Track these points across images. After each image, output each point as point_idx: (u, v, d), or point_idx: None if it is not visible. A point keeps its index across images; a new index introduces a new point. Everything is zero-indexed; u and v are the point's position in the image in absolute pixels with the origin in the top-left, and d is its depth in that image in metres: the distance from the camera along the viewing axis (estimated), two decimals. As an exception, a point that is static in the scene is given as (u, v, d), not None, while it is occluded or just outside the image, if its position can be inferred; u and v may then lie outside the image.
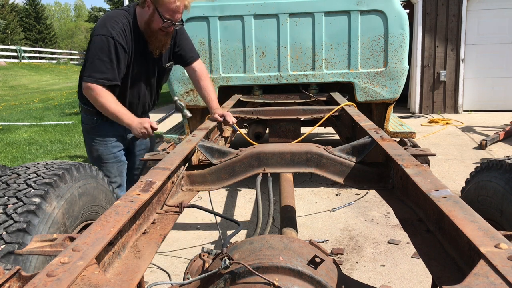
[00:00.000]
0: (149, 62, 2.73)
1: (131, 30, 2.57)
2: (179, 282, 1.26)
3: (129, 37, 2.56)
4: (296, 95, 4.46)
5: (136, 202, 1.31)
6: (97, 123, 2.78)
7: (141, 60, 2.67)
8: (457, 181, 4.67)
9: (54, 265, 0.93)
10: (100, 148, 2.82)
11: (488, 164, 1.85)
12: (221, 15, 4.34)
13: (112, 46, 2.47)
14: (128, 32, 2.55)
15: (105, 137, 2.81)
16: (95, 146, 2.81)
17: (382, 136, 2.06)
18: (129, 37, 2.56)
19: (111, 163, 2.86)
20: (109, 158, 2.85)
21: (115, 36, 2.47)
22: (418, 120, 8.74)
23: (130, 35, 2.57)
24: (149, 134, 2.59)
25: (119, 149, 2.89)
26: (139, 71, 2.69)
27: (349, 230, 3.58)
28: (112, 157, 2.86)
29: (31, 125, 9.58)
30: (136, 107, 2.85)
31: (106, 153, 2.84)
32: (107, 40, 2.46)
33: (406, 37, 4.28)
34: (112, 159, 2.86)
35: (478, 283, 0.85)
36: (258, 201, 1.80)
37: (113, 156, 2.87)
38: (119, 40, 2.48)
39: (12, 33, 38.88)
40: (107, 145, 2.83)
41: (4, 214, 1.44)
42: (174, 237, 3.55)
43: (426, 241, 1.26)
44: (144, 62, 2.70)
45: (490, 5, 9.08)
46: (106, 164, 2.86)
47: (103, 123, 2.77)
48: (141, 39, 2.62)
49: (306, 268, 1.12)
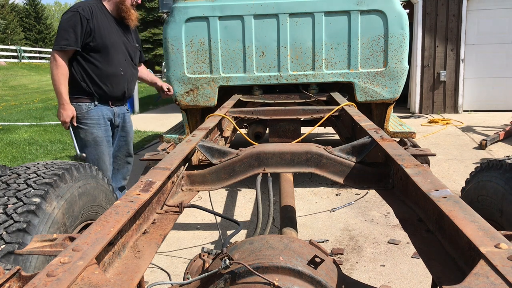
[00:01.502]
0: (121, 37, 3.23)
1: (99, 9, 3.10)
2: (179, 282, 1.26)
3: (96, 13, 3.05)
4: (296, 95, 4.46)
5: (136, 202, 1.31)
6: (90, 107, 3.14)
7: (113, 34, 3.14)
8: (457, 181, 4.68)
9: (54, 265, 0.93)
10: (94, 131, 3.15)
11: (488, 164, 1.85)
12: (221, 15, 4.34)
13: (77, 18, 2.97)
14: (95, 10, 3.06)
15: (98, 120, 3.17)
16: (89, 129, 3.14)
17: (382, 136, 2.06)
18: (97, 13, 3.06)
19: (103, 145, 3.20)
20: (103, 141, 3.19)
21: (80, 11, 2.98)
22: (418, 120, 8.74)
23: (97, 12, 3.07)
24: (65, 126, 3.06)
25: (109, 133, 3.27)
26: (114, 44, 3.14)
27: (349, 230, 3.58)
28: (105, 140, 3.21)
29: (31, 125, 9.58)
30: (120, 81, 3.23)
31: (100, 135, 3.17)
32: (73, 14, 2.99)
33: (406, 37, 4.28)
34: (105, 142, 3.21)
35: (478, 283, 0.85)
36: (258, 201, 1.79)
37: (106, 140, 3.22)
38: (84, 13, 2.98)
39: (12, 33, 38.88)
40: (100, 128, 3.18)
41: (4, 214, 1.44)
42: (174, 237, 3.55)
43: (426, 241, 1.26)
44: (117, 36, 3.18)
45: (490, 5, 9.08)
46: (100, 146, 3.18)
47: (94, 108, 3.16)
48: (109, 17, 3.16)
49: (306, 268, 1.12)
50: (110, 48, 3.13)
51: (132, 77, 3.40)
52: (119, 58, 3.21)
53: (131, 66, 3.36)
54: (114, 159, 3.45)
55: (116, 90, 3.23)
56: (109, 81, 3.16)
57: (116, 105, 3.31)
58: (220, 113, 3.11)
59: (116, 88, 3.22)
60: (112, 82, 3.18)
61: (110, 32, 3.14)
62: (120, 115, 3.36)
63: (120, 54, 3.22)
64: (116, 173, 3.50)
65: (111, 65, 3.15)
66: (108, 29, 3.13)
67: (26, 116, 10.95)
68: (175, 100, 4.58)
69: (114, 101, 3.28)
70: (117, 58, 3.19)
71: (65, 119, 3.06)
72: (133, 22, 3.26)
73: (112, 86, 3.19)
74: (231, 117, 3.31)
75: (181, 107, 4.61)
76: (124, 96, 3.35)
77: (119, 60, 3.21)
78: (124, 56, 3.27)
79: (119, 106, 3.35)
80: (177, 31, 4.37)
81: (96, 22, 3.05)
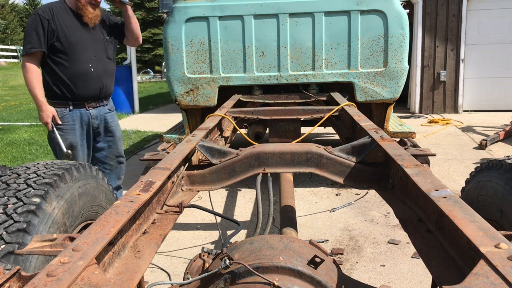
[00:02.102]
0: (88, 33, 3.21)
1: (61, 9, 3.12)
2: (179, 282, 1.26)
3: (58, 14, 3.08)
4: (296, 95, 4.46)
5: (136, 202, 1.31)
6: (65, 113, 3.17)
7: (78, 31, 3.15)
8: (457, 181, 4.68)
9: (54, 265, 0.93)
10: (69, 137, 3.18)
11: (488, 164, 1.85)
12: (221, 15, 4.34)
13: (37, 20, 3.00)
14: (56, 10, 3.08)
15: (73, 126, 3.19)
16: (64, 135, 3.17)
17: (382, 136, 2.06)
18: (58, 13, 3.08)
19: (78, 151, 3.22)
20: (77, 146, 3.22)
21: (40, 13, 3.02)
22: (418, 120, 8.74)
23: (59, 13, 3.09)
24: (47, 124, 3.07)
25: (84, 137, 3.28)
26: (80, 41, 3.14)
27: (349, 230, 3.58)
28: (79, 145, 3.23)
29: (31, 125, 9.58)
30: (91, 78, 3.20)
31: (75, 141, 3.20)
32: (33, 17, 3.04)
33: (406, 37, 4.28)
34: (79, 147, 3.23)
35: (478, 283, 0.85)
36: (258, 201, 1.79)
37: (80, 144, 3.24)
38: (44, 15, 3.01)
39: (12, 33, 38.88)
40: (75, 133, 3.21)
41: (4, 214, 1.44)
42: (174, 237, 3.55)
43: (426, 241, 1.26)
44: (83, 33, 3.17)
45: (490, 5, 9.08)
46: (74, 152, 3.21)
47: (69, 113, 3.18)
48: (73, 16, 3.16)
49: (306, 268, 1.12)
50: (76, 45, 3.12)
51: (106, 72, 3.34)
52: (87, 54, 3.18)
53: (103, 62, 3.31)
54: (105, 160, 3.46)
55: (89, 89, 3.20)
56: (79, 80, 3.14)
57: (93, 107, 3.28)
58: (220, 113, 3.11)
59: (88, 87, 3.19)
60: (83, 80, 3.16)
61: (75, 30, 3.13)
62: (99, 117, 3.32)
63: (88, 51, 3.19)
64: (110, 174, 3.51)
65: (79, 63, 3.14)
66: (72, 27, 3.12)
67: (26, 116, 10.95)
68: (175, 100, 4.58)
69: (90, 101, 3.25)
70: (85, 55, 3.17)
71: (46, 120, 3.08)
72: (90, 20, 3.19)
73: (83, 85, 3.16)
74: (231, 117, 3.31)
75: (181, 107, 4.61)
76: (101, 95, 3.31)
77: (87, 57, 3.18)
78: (93, 52, 3.23)
79: (97, 107, 3.31)
80: (177, 31, 4.37)
81: (58, 22, 3.06)
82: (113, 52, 3.48)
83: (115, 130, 3.47)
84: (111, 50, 3.44)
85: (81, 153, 3.25)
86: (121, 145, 3.56)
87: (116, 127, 3.49)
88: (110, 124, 3.42)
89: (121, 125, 9.87)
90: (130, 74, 10.85)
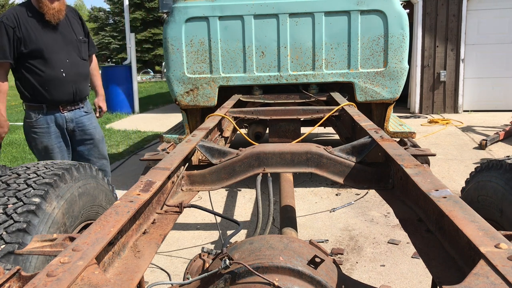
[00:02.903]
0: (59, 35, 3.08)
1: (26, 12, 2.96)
2: (179, 282, 1.26)
3: (24, 19, 2.93)
4: (296, 95, 4.46)
5: (136, 202, 1.31)
6: (39, 116, 3.11)
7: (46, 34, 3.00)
8: (457, 181, 4.67)
9: (54, 265, 0.93)
10: (44, 140, 3.13)
11: (488, 164, 1.85)
12: (221, 15, 4.34)
13: (2, 28, 2.86)
14: (22, 15, 2.93)
15: (47, 129, 3.13)
16: (39, 138, 3.13)
17: (382, 136, 2.06)
18: (24, 18, 2.93)
19: (55, 153, 3.17)
20: (54, 149, 3.16)
21: (4, 21, 2.88)
22: (418, 120, 8.74)
23: (25, 17, 2.94)
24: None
25: (60, 139, 3.21)
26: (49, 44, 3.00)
27: (349, 230, 3.58)
28: (56, 147, 3.18)
29: (31, 125, 9.56)
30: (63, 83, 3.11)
31: (51, 144, 3.15)
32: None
33: (406, 37, 4.28)
34: (56, 149, 3.18)
35: (478, 283, 0.85)
36: (258, 201, 1.79)
37: (57, 146, 3.19)
38: (8, 22, 2.87)
39: (12, 33, 38.76)
40: (50, 136, 3.15)
41: (4, 214, 1.44)
42: (174, 237, 3.55)
43: (426, 241, 1.26)
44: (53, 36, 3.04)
45: (490, 5, 9.08)
46: (51, 154, 3.17)
47: (44, 116, 3.12)
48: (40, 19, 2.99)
49: (306, 268, 1.12)
50: (46, 50, 2.99)
51: (80, 76, 3.23)
52: (59, 58, 3.06)
53: (76, 64, 3.19)
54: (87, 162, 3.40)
55: (61, 94, 3.10)
56: (51, 86, 3.04)
57: (67, 110, 3.19)
58: (220, 113, 3.11)
59: (60, 92, 3.09)
60: (55, 86, 3.05)
61: (43, 34, 2.99)
62: (74, 120, 3.23)
63: (59, 54, 3.07)
64: None
65: (50, 68, 3.02)
66: (40, 31, 2.97)
67: (26, 116, 10.93)
68: (175, 100, 4.58)
69: (64, 105, 3.16)
70: (57, 59, 3.05)
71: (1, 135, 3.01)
72: (53, 16, 2.98)
73: (55, 91, 3.07)
74: (231, 117, 3.31)
75: (181, 107, 4.61)
76: (75, 98, 3.20)
77: (59, 61, 3.06)
78: (65, 55, 3.10)
79: (72, 110, 3.22)
80: (177, 31, 4.37)
81: (24, 28, 2.92)
82: (87, 52, 3.34)
83: (94, 132, 3.36)
84: (85, 50, 3.30)
85: (59, 156, 3.17)
86: (103, 147, 3.46)
87: (95, 129, 3.38)
88: (87, 126, 3.32)
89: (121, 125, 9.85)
90: (130, 74, 10.85)
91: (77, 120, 3.26)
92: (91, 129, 3.35)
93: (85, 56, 3.31)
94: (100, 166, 3.43)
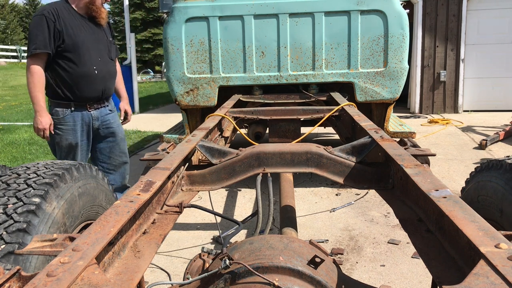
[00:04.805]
0: (93, 34, 3.19)
1: (64, 9, 3.07)
2: (179, 282, 1.26)
3: (63, 14, 3.03)
4: (296, 95, 4.46)
5: (136, 202, 1.31)
6: (66, 113, 3.13)
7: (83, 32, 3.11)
8: (457, 181, 4.68)
9: (54, 265, 0.93)
10: (69, 137, 3.15)
11: (488, 164, 1.85)
12: (221, 15, 4.34)
13: (44, 21, 2.94)
14: (61, 11, 3.04)
15: (74, 126, 3.16)
16: (64, 136, 3.14)
17: (382, 136, 2.06)
18: (63, 13, 3.04)
19: (78, 151, 3.20)
20: (78, 146, 3.19)
21: (46, 14, 2.96)
22: (418, 120, 8.74)
23: (64, 13, 3.05)
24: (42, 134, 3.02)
25: (84, 138, 3.25)
26: (85, 42, 3.10)
27: (349, 230, 3.58)
28: (80, 145, 3.21)
29: (31, 125, 9.57)
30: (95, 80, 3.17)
31: (75, 141, 3.17)
32: (39, 17, 2.97)
33: (406, 37, 4.28)
34: (79, 147, 3.21)
35: (478, 283, 0.85)
36: (258, 201, 1.79)
37: (81, 144, 3.22)
38: (49, 16, 2.96)
39: (12, 33, 38.89)
40: (76, 134, 3.17)
41: (4, 214, 1.44)
42: (174, 237, 3.55)
43: (426, 241, 1.26)
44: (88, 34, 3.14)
45: (490, 5, 9.08)
46: (75, 152, 3.19)
47: (70, 114, 3.14)
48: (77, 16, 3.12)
49: (306, 268, 1.12)
50: (81, 46, 3.08)
51: (110, 74, 3.33)
52: (92, 56, 3.15)
53: (107, 63, 3.30)
54: (109, 160, 3.44)
55: (92, 91, 3.17)
56: (83, 82, 3.11)
57: (94, 108, 3.26)
58: (220, 113, 3.11)
59: (90, 89, 3.16)
60: (86, 82, 3.12)
61: (80, 31, 3.09)
62: (99, 118, 3.30)
63: (93, 52, 3.16)
64: (115, 174, 3.49)
65: (84, 65, 3.10)
66: (77, 28, 3.08)
67: (26, 116, 10.95)
68: (175, 100, 4.58)
69: (91, 103, 3.22)
70: (90, 56, 3.14)
71: (44, 126, 3.01)
72: (104, 20, 3.23)
73: (86, 87, 3.13)
74: (231, 117, 3.31)
75: (181, 107, 4.61)
76: (103, 96, 3.29)
77: (92, 59, 3.15)
78: (98, 54, 3.20)
79: (98, 108, 3.29)
80: (177, 31, 4.37)
81: (63, 23, 3.01)
82: (115, 53, 3.47)
83: (117, 130, 3.45)
84: (114, 51, 3.44)
85: (79, 154, 3.23)
86: (124, 145, 3.54)
87: (118, 127, 3.46)
88: (111, 125, 3.40)
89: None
90: (130, 74, 10.86)
91: (102, 119, 3.33)
92: (115, 127, 3.43)
93: (113, 57, 3.42)
94: (121, 163, 3.50)
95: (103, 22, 3.24)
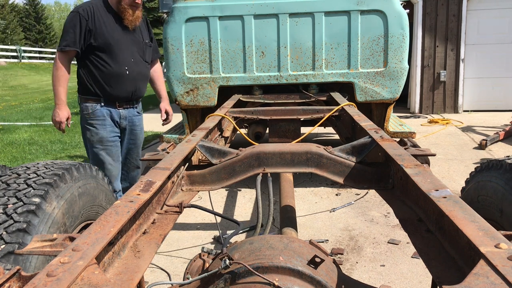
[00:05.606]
0: (127, 35, 3.18)
1: (102, 7, 3.09)
2: (179, 282, 1.26)
3: (99, 13, 3.05)
4: (296, 95, 4.46)
5: (136, 202, 1.31)
6: (96, 108, 3.14)
7: (117, 32, 3.11)
8: (457, 181, 4.68)
9: (54, 265, 0.93)
10: (100, 132, 3.15)
11: (488, 164, 1.85)
12: (221, 15, 4.34)
13: (77, 18, 2.98)
14: (97, 10, 3.05)
15: (103, 121, 3.16)
16: (95, 130, 3.15)
17: (382, 136, 2.06)
18: (99, 13, 3.06)
19: (110, 146, 3.19)
20: (109, 141, 3.19)
21: (80, 12, 2.99)
22: (418, 120, 8.74)
23: (100, 12, 3.06)
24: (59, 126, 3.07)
25: (115, 134, 3.24)
26: (118, 42, 3.11)
27: (349, 230, 3.58)
28: (111, 140, 3.20)
29: (31, 125, 9.58)
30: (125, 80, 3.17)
31: (106, 136, 3.17)
32: (73, 14, 3.01)
33: (406, 37, 4.28)
34: (111, 142, 3.20)
35: (478, 283, 0.85)
36: (258, 201, 1.79)
37: (112, 140, 3.21)
38: (83, 13, 2.99)
39: (12, 33, 38.89)
40: (106, 129, 3.17)
41: (4, 214, 1.44)
42: (174, 237, 3.55)
43: (426, 241, 1.26)
44: (122, 34, 3.14)
45: (490, 5, 9.08)
46: (107, 147, 3.18)
47: (100, 109, 3.15)
48: (114, 16, 3.12)
49: (306, 268, 1.12)
50: (114, 46, 3.08)
51: (141, 76, 3.30)
52: (124, 56, 3.13)
53: (139, 65, 3.27)
54: (124, 161, 3.40)
55: (122, 91, 3.16)
56: (113, 81, 3.10)
57: (123, 107, 3.24)
58: (220, 113, 3.11)
59: (121, 88, 3.15)
60: (117, 81, 3.11)
61: (114, 30, 3.09)
62: (127, 118, 3.28)
63: (125, 52, 3.15)
64: (126, 176, 3.46)
65: (115, 64, 3.09)
66: (111, 28, 3.08)
67: (26, 116, 10.95)
68: (175, 100, 4.58)
69: (121, 102, 3.21)
70: (122, 56, 3.12)
71: (61, 119, 3.03)
72: (131, 22, 3.15)
73: (117, 86, 3.12)
74: (231, 117, 3.31)
75: (181, 107, 4.61)
76: (133, 97, 3.27)
77: (124, 59, 3.13)
78: (130, 55, 3.18)
79: (127, 108, 3.27)
80: (177, 31, 4.37)
81: (97, 21, 3.01)
82: (150, 56, 3.43)
83: (139, 134, 3.42)
84: (149, 54, 3.40)
85: (114, 150, 3.20)
86: (140, 149, 3.50)
87: (141, 131, 3.44)
88: (136, 127, 3.37)
89: (121, 125, 9.70)
90: (130, 74, 10.83)
91: (129, 119, 3.31)
92: (138, 131, 3.41)
93: (148, 59, 3.38)
94: (134, 166, 3.48)
95: (129, 23, 3.15)
